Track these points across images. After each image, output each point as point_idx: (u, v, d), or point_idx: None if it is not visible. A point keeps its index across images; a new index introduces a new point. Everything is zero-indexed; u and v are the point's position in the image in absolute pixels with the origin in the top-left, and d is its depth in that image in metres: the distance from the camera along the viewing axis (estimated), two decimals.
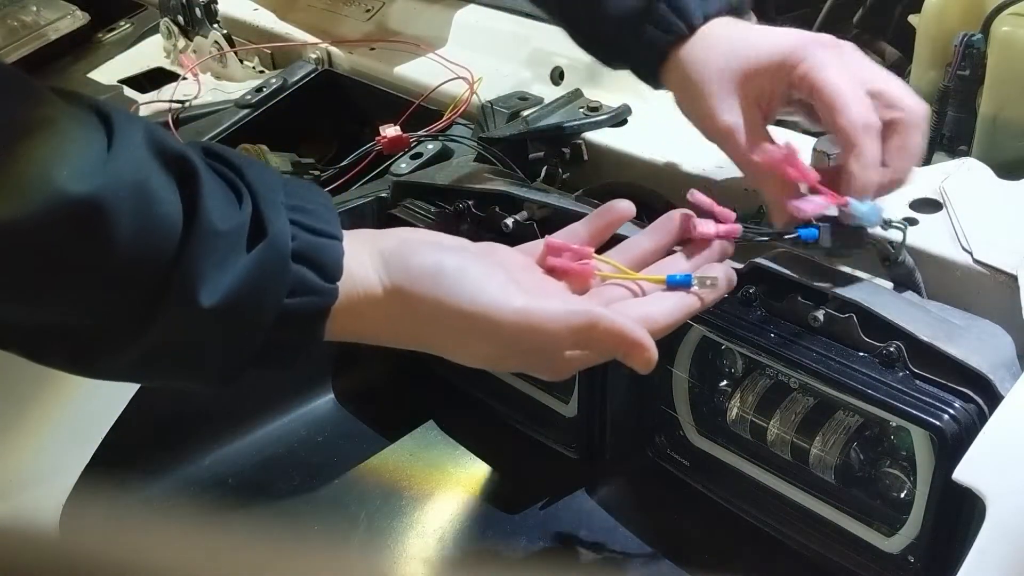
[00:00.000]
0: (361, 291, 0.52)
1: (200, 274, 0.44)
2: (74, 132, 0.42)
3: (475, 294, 0.53)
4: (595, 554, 0.79)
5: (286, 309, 0.47)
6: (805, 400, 0.72)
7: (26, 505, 0.73)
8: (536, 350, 0.55)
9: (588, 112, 0.89)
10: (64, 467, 0.74)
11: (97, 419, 0.76)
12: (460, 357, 0.56)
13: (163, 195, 0.44)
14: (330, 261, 0.49)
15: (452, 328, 0.53)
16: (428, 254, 0.53)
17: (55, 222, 0.41)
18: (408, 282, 0.52)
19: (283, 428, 0.93)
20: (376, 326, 0.53)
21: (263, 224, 0.47)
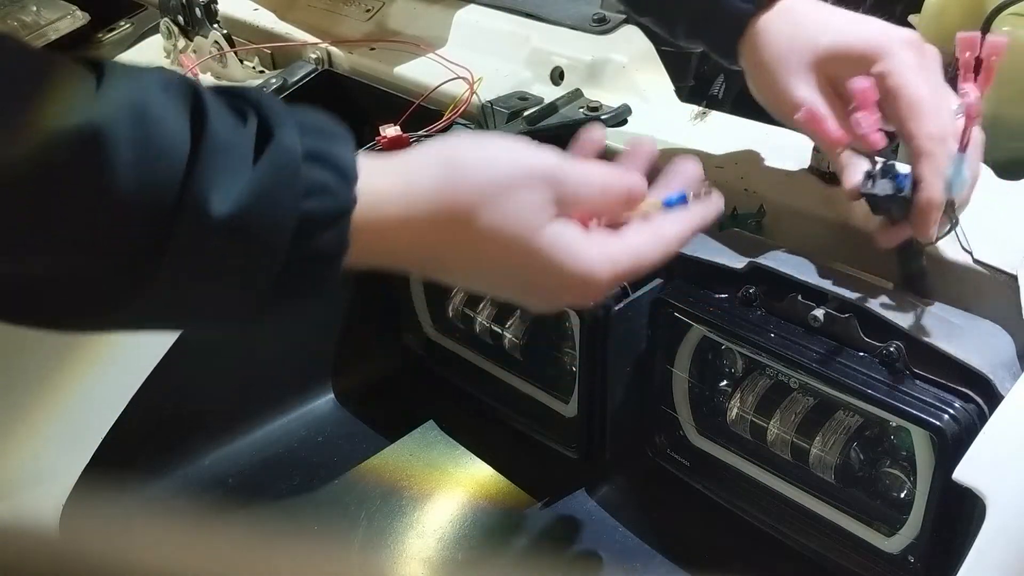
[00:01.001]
0: (395, 204, 0.49)
1: (210, 186, 0.42)
2: (62, 73, 0.41)
3: (569, 260, 0.53)
4: (595, 554, 0.79)
5: (304, 213, 0.44)
6: (805, 400, 0.72)
7: (26, 505, 0.73)
8: (578, 295, 0.55)
9: (588, 112, 0.89)
10: (64, 467, 0.74)
11: (97, 419, 0.76)
12: (479, 286, 0.57)
13: (164, 116, 0.42)
14: (343, 161, 0.46)
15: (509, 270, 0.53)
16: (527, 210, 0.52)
17: (51, 159, 0.40)
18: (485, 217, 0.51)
19: (283, 428, 0.93)
20: (411, 244, 0.50)
21: (270, 131, 0.45)
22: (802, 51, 0.67)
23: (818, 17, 0.68)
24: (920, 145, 0.61)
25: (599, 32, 0.94)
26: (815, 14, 0.68)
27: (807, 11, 0.69)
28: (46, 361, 0.79)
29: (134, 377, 0.79)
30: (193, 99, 0.44)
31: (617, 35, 0.93)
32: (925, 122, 0.62)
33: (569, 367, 0.84)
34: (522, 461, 0.87)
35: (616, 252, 0.55)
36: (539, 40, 0.97)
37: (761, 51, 0.68)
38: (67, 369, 0.78)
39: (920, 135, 0.61)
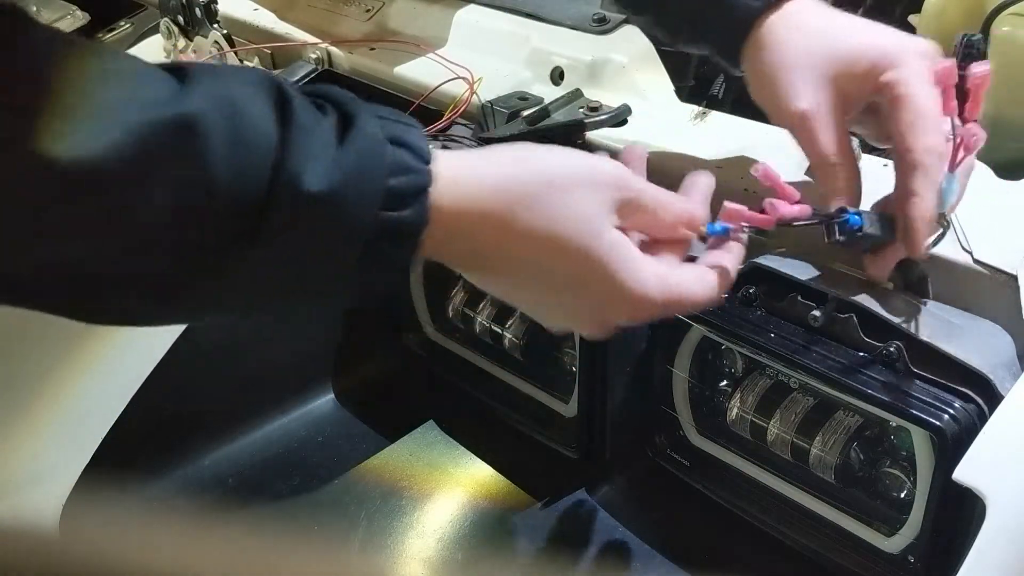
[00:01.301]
0: (464, 189, 0.50)
1: (302, 166, 0.44)
2: (150, 73, 0.43)
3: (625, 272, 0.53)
4: (595, 554, 0.79)
5: (389, 189, 0.47)
6: (805, 400, 0.72)
7: (26, 505, 0.73)
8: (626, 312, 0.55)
9: (588, 112, 0.89)
10: (64, 467, 0.74)
11: (97, 419, 0.76)
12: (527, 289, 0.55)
13: (251, 106, 0.44)
14: (419, 144, 0.49)
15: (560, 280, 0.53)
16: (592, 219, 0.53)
17: (149, 148, 0.41)
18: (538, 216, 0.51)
19: (283, 428, 0.93)
20: (478, 227, 0.51)
21: (350, 118, 0.47)
22: (808, 57, 0.65)
23: (827, 22, 0.67)
24: (918, 158, 0.60)
25: (599, 32, 0.94)
26: (824, 19, 0.67)
27: (815, 15, 0.67)
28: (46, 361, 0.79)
29: (134, 377, 0.79)
30: (276, 91, 0.46)
31: (617, 35, 0.93)
32: (926, 136, 0.60)
33: (569, 367, 0.84)
34: (522, 461, 0.87)
35: (671, 280, 0.55)
36: (539, 40, 0.97)
37: (765, 55, 0.67)
38: (67, 369, 0.78)
39: (918, 148, 0.60)
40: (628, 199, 0.54)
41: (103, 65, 0.42)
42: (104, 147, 0.40)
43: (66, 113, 0.40)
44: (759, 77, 0.68)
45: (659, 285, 0.54)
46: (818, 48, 0.65)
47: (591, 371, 0.78)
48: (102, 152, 0.40)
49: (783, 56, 0.66)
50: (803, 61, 0.65)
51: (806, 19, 0.67)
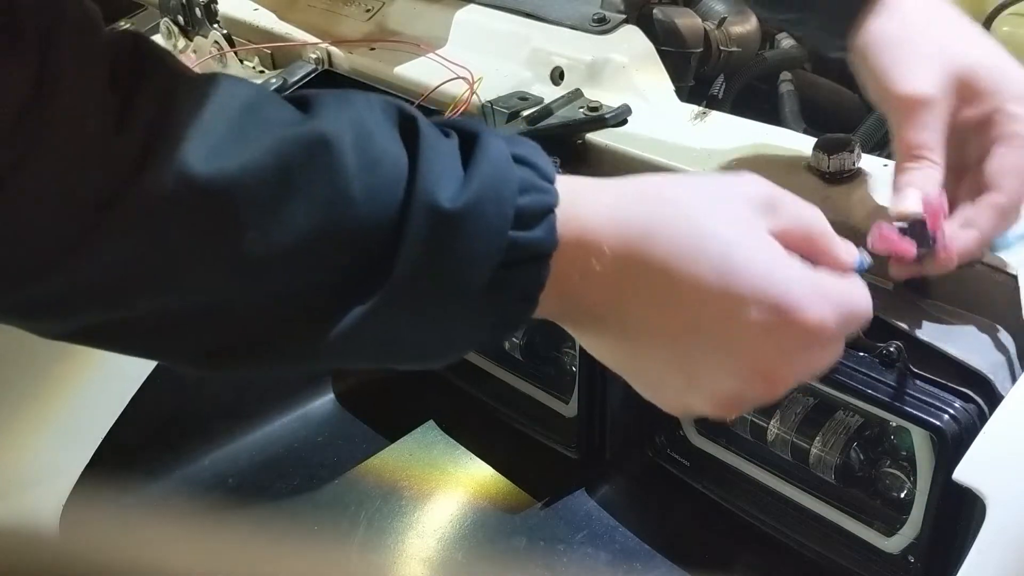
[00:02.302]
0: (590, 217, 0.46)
1: (435, 185, 0.43)
2: (271, 98, 0.43)
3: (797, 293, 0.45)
4: (595, 554, 0.79)
5: (520, 207, 0.44)
6: (805, 400, 0.72)
7: (26, 505, 0.73)
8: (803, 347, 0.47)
9: (588, 112, 0.89)
10: (64, 467, 0.74)
11: (97, 419, 0.76)
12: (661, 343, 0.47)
13: (378, 128, 0.43)
14: (542, 163, 0.46)
15: None
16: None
17: (289, 163, 0.40)
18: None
19: (283, 428, 0.93)
20: (607, 248, 0.46)
21: (474, 138, 0.45)
22: (943, 47, 0.60)
23: (957, 21, 0.63)
24: (1005, 204, 0.58)
25: (599, 32, 0.94)
26: (952, 17, 0.63)
27: (944, 7, 0.63)
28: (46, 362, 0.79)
29: (134, 377, 0.79)
30: (398, 112, 0.45)
31: (617, 35, 0.93)
32: (1007, 191, 0.58)
33: (569, 367, 0.84)
34: (522, 461, 0.87)
35: (836, 283, 0.47)
36: (539, 40, 0.97)
37: (895, 21, 0.62)
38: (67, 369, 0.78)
39: (1012, 194, 0.58)
40: (777, 212, 0.47)
41: (231, 90, 0.41)
42: (246, 167, 0.39)
43: (207, 136, 0.39)
44: (875, 45, 0.62)
45: (825, 295, 0.46)
46: (949, 42, 0.61)
47: (591, 371, 0.78)
48: (246, 172, 0.39)
49: (913, 32, 0.61)
50: (932, 46, 0.60)
51: (935, 6, 0.63)
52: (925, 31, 0.61)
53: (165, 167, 0.38)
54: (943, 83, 0.59)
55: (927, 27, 0.61)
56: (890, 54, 0.61)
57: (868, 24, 0.63)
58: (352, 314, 0.43)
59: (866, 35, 0.63)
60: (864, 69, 0.63)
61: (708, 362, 0.47)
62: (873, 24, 0.62)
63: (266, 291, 0.42)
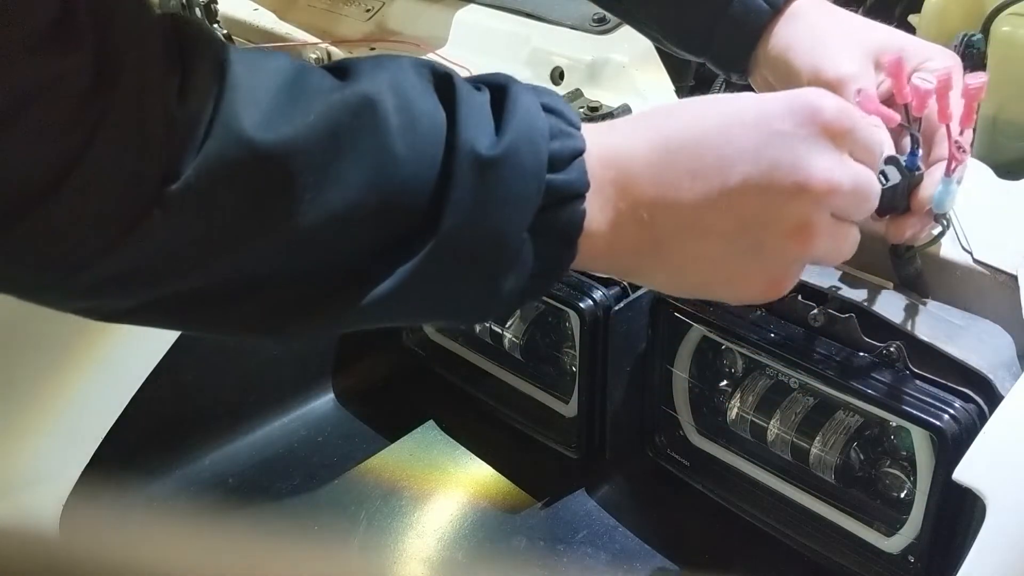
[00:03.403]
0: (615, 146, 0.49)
1: (474, 135, 0.45)
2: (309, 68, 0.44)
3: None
4: (595, 554, 0.79)
5: (552, 152, 0.47)
6: (805, 400, 0.72)
7: (26, 505, 0.73)
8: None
9: (588, 112, 0.89)
10: (64, 467, 0.74)
11: (97, 419, 0.76)
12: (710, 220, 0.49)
13: (415, 86, 0.45)
14: (568, 112, 0.49)
15: None
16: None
17: (338, 123, 0.42)
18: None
19: (283, 428, 0.93)
20: (639, 172, 0.49)
21: (504, 90, 0.48)
22: (855, 34, 0.66)
23: (855, 15, 0.68)
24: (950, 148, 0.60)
25: (599, 32, 0.94)
26: (851, 13, 0.69)
27: (840, 9, 0.69)
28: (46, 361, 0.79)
29: (134, 377, 0.79)
30: (432, 73, 0.47)
31: (617, 35, 0.93)
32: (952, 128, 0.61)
33: (569, 367, 0.84)
34: (522, 461, 0.87)
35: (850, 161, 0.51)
36: (539, 40, 0.97)
37: (805, 25, 0.67)
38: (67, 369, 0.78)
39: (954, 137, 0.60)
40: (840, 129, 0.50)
41: (276, 62, 0.43)
42: (299, 131, 0.41)
43: (261, 104, 0.41)
44: (792, 49, 0.67)
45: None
46: (856, 30, 0.66)
47: (591, 371, 0.78)
48: (299, 136, 0.41)
49: (824, 29, 0.66)
50: (844, 35, 0.66)
51: (836, 8, 0.68)
52: (832, 27, 0.67)
53: (226, 136, 0.40)
54: (863, 60, 0.65)
55: (833, 24, 0.67)
56: (809, 52, 0.66)
57: (778, 32, 0.68)
58: (401, 270, 0.45)
59: (780, 42, 0.67)
60: (789, 73, 0.67)
61: (762, 199, 0.49)
62: (783, 31, 0.67)
63: (319, 253, 0.44)
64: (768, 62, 0.69)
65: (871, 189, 0.52)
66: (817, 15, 0.68)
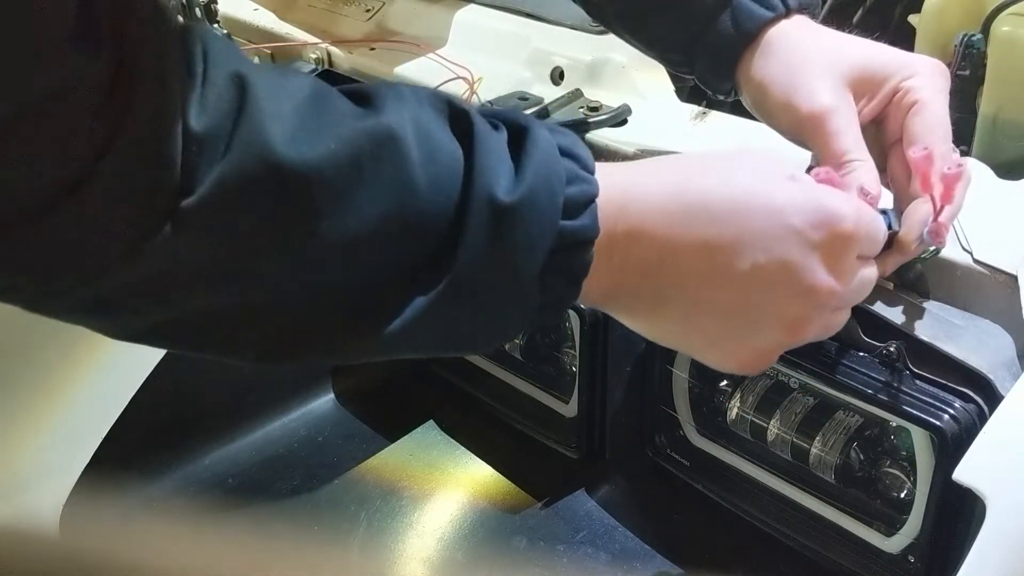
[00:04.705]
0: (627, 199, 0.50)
1: (492, 178, 0.45)
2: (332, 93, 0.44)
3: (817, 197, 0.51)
4: (595, 554, 0.79)
5: (567, 198, 0.47)
6: (805, 400, 0.72)
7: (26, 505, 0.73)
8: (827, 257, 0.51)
9: (588, 112, 0.89)
10: (64, 467, 0.74)
11: (97, 419, 0.76)
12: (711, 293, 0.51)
13: (433, 122, 0.45)
14: (584, 155, 0.49)
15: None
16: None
17: (360, 151, 0.42)
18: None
19: (283, 428, 0.93)
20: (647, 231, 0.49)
21: (523, 131, 0.48)
22: (826, 60, 0.64)
23: (835, 34, 0.67)
24: (928, 168, 0.60)
25: (599, 32, 0.94)
26: (831, 32, 0.67)
27: (821, 28, 0.67)
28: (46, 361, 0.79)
29: (134, 377, 0.79)
30: (450, 109, 0.46)
31: None
32: (944, 143, 0.61)
33: (569, 367, 0.84)
34: (522, 461, 0.87)
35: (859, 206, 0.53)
36: (539, 40, 0.97)
37: (778, 58, 0.65)
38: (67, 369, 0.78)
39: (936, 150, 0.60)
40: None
41: (296, 80, 0.43)
42: (324, 155, 0.41)
43: (285, 122, 0.40)
44: (767, 82, 0.66)
45: (851, 202, 0.52)
46: (833, 53, 0.64)
47: (591, 371, 0.78)
48: (323, 160, 0.40)
49: (798, 58, 0.65)
50: (819, 62, 0.64)
51: (815, 29, 0.67)
52: (807, 54, 0.65)
53: (249, 151, 0.39)
54: (839, 89, 0.63)
55: (807, 50, 0.65)
56: (784, 86, 0.64)
57: (754, 64, 0.66)
58: (414, 305, 0.45)
59: (756, 77, 0.66)
60: (766, 107, 0.67)
61: (758, 297, 0.51)
62: (758, 64, 0.66)
63: (333, 282, 0.43)
64: (748, 92, 0.68)
65: (870, 284, 0.55)
66: (791, 43, 0.66)
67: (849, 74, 0.64)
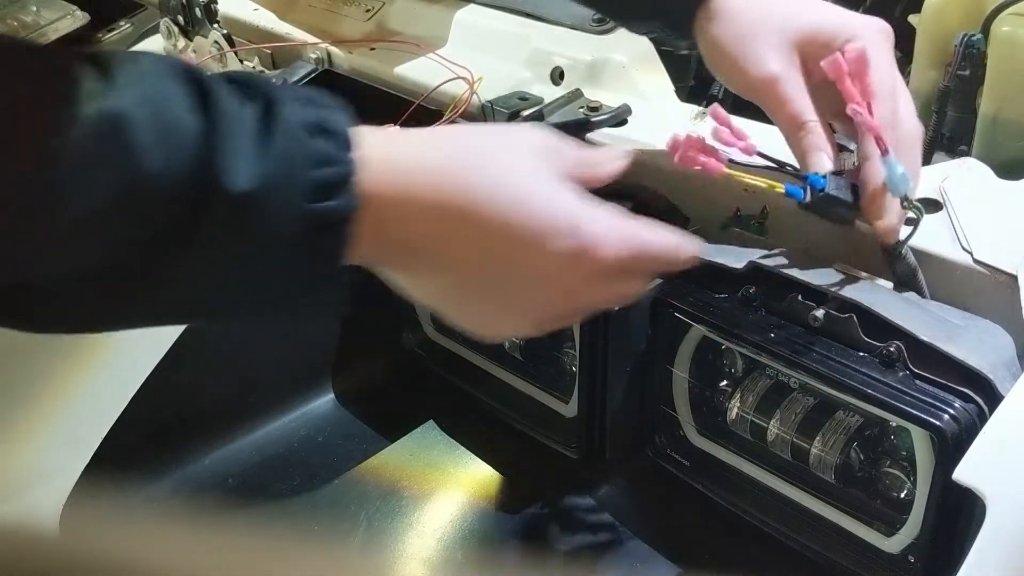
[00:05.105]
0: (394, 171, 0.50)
1: (227, 162, 0.44)
2: (68, 67, 0.43)
3: (567, 215, 0.52)
4: (595, 554, 0.79)
5: (315, 180, 0.46)
6: (805, 400, 0.72)
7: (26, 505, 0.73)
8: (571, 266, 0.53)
9: (588, 112, 0.89)
10: (64, 467, 0.74)
11: (97, 419, 0.76)
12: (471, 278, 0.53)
13: (173, 98, 0.44)
14: (342, 131, 0.48)
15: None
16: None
17: (81, 144, 0.41)
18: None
19: (283, 428, 0.93)
20: (419, 204, 0.50)
21: (272, 107, 0.47)
22: (774, 24, 0.66)
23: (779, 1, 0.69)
24: (882, 114, 0.62)
25: (599, 32, 0.94)
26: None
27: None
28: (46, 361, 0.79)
29: (134, 377, 0.79)
30: (195, 82, 0.46)
31: (617, 35, 0.93)
32: (884, 104, 0.63)
33: (569, 367, 0.84)
34: (522, 461, 0.87)
35: (629, 224, 0.54)
36: (539, 40, 0.97)
37: (726, 24, 0.67)
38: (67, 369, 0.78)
39: (879, 112, 0.62)
40: (561, 155, 0.54)
41: (18, 62, 0.43)
42: (32, 145, 0.41)
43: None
44: (719, 46, 0.68)
45: (616, 230, 0.53)
46: (781, 16, 0.66)
47: (591, 371, 0.78)
48: (29, 150, 0.41)
49: (747, 23, 0.67)
50: (768, 27, 0.66)
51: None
52: (755, 19, 0.67)
53: None
54: (787, 55, 0.65)
55: (756, 15, 0.67)
56: (734, 51, 0.67)
57: (708, 30, 0.68)
58: (158, 276, 0.45)
59: (710, 39, 0.68)
60: (721, 68, 0.69)
61: (519, 289, 0.53)
62: (711, 29, 0.68)
63: (77, 259, 0.44)
64: (705, 52, 0.70)
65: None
66: (740, 7, 0.67)
67: (797, 39, 0.66)
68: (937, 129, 0.90)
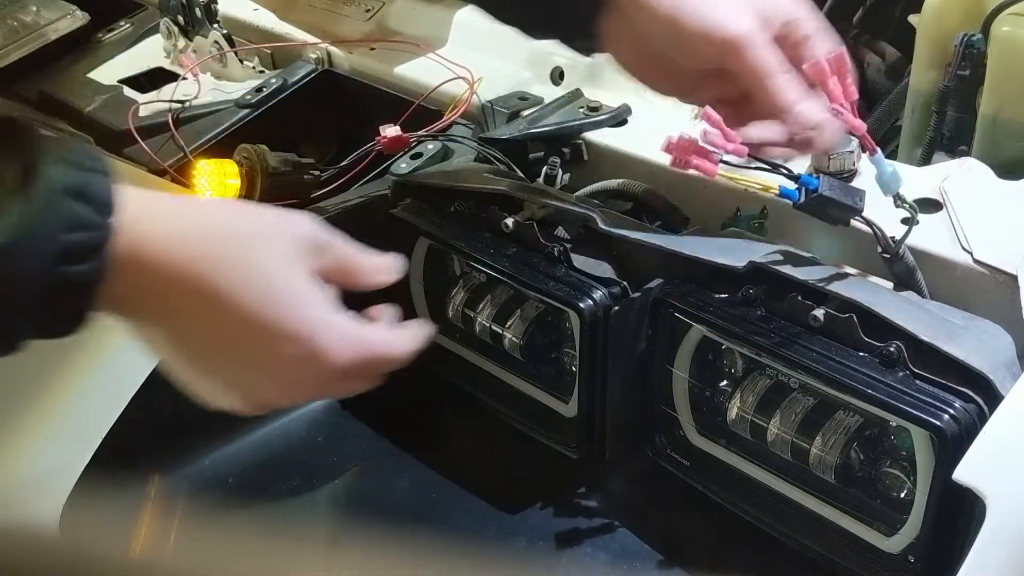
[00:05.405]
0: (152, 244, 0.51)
1: None
2: None
3: (299, 314, 0.55)
4: (595, 554, 0.79)
5: (66, 244, 0.47)
6: (805, 400, 0.72)
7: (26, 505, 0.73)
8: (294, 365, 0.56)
9: (588, 112, 0.89)
10: (64, 467, 0.74)
11: (97, 419, 0.76)
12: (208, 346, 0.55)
13: None
14: (102, 197, 0.49)
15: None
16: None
17: None
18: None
19: (283, 428, 0.93)
20: (173, 277, 0.52)
21: (34, 166, 0.48)
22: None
23: None
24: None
25: None
26: None
27: None
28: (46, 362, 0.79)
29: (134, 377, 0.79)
30: None
31: None
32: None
33: (569, 367, 0.84)
34: (522, 461, 0.87)
35: (364, 335, 0.57)
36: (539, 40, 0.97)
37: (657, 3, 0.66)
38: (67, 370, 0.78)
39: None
40: (323, 253, 0.56)
41: None
42: None
43: None
44: (679, 13, 0.66)
45: (350, 342, 0.55)
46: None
47: (591, 371, 0.78)
48: None
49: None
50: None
51: None
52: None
53: None
54: (755, 18, 0.65)
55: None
56: (698, 16, 0.65)
57: (658, 5, 0.66)
58: None
59: (663, 12, 0.66)
60: (677, 41, 0.67)
61: (244, 375, 0.56)
62: (666, 3, 0.66)
63: None
64: (654, 30, 0.67)
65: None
66: None
67: (760, 9, 0.66)
68: (937, 129, 0.90)
